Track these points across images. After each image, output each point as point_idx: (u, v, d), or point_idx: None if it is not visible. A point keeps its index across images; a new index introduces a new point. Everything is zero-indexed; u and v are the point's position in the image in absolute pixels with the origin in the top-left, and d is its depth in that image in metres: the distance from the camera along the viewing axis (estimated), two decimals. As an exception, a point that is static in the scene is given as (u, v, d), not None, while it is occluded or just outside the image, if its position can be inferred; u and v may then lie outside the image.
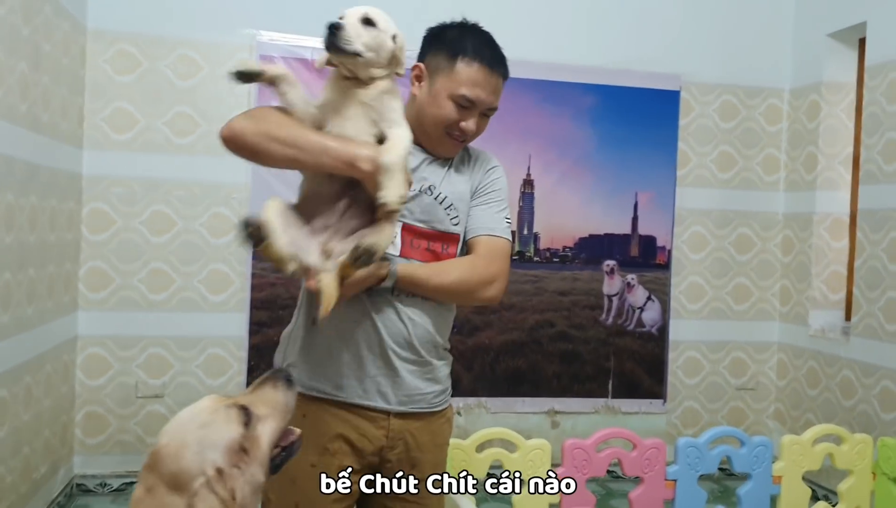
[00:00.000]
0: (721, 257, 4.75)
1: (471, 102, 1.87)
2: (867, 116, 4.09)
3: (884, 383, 3.87)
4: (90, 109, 3.96)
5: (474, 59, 1.87)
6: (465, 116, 1.88)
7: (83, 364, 3.99)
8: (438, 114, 1.88)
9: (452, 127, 1.89)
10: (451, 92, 1.87)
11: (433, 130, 1.90)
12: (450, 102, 1.87)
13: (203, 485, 1.30)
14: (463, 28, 1.97)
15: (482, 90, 1.88)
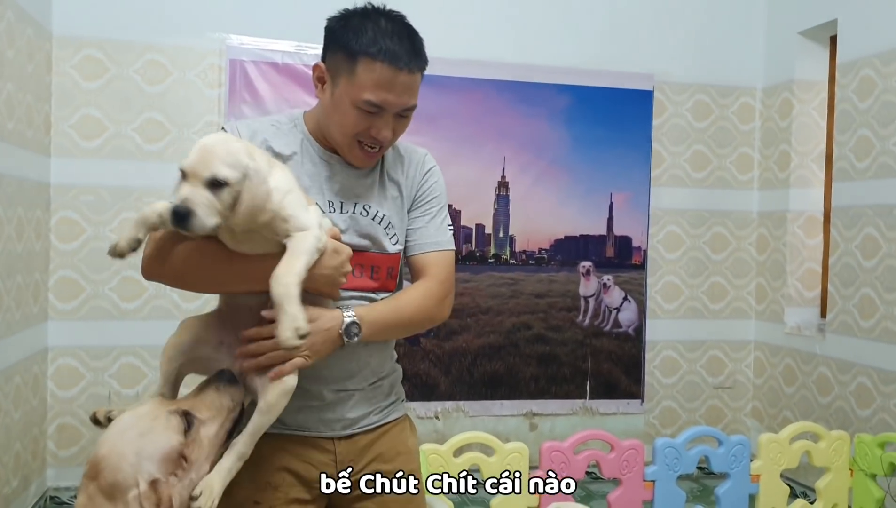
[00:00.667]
0: (696, 257, 4.76)
1: (378, 107, 1.63)
2: (839, 114, 4.12)
3: (859, 379, 3.89)
4: (57, 116, 3.89)
5: (377, 57, 1.61)
6: (376, 123, 1.65)
7: (54, 375, 3.92)
8: (343, 123, 1.64)
9: (362, 136, 1.66)
10: (354, 98, 1.62)
11: (341, 139, 1.68)
12: (354, 109, 1.62)
13: (135, 498, 1.30)
14: (364, 17, 1.66)
15: (390, 93, 1.63)
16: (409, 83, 1.66)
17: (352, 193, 1.73)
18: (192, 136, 4.05)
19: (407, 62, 1.64)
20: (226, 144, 1.46)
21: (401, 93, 1.65)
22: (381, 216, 1.75)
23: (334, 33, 1.67)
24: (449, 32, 4.31)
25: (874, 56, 3.87)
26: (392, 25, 1.66)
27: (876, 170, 3.84)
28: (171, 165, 4.00)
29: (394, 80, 1.63)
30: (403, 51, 1.64)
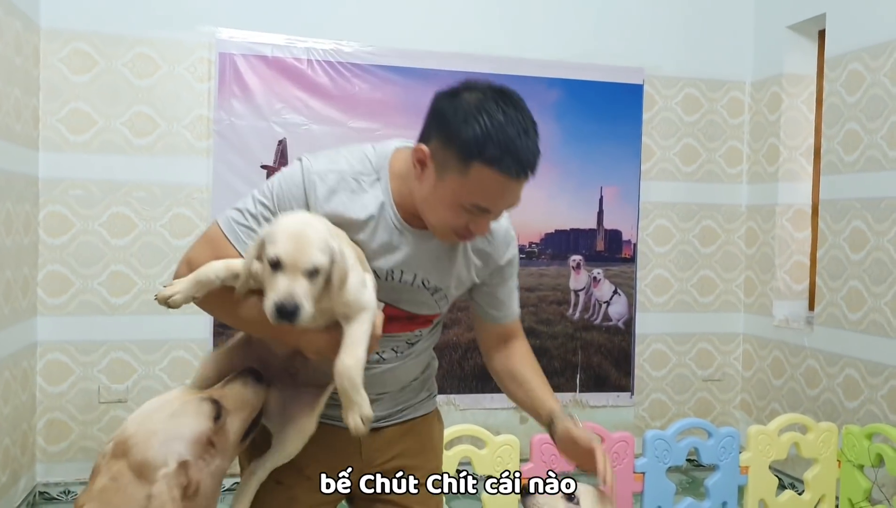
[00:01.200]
0: (686, 250, 4.77)
1: (485, 210, 1.52)
2: (827, 108, 4.14)
3: (847, 371, 3.92)
4: (45, 109, 3.87)
5: (493, 165, 1.46)
6: (478, 220, 1.54)
7: (44, 370, 3.91)
8: (443, 216, 1.54)
9: (459, 229, 1.56)
10: (461, 199, 1.50)
11: (436, 226, 1.57)
12: (458, 207, 1.51)
13: (164, 476, 1.29)
14: (481, 107, 1.48)
15: (502, 200, 1.52)
16: (521, 187, 1.54)
17: (416, 264, 1.64)
18: (181, 130, 4.03)
19: (526, 170, 1.51)
20: (315, 230, 1.43)
21: (513, 196, 1.54)
22: (438, 289, 1.68)
23: (445, 120, 1.50)
24: (438, 25, 4.31)
25: (862, 50, 3.89)
26: (513, 123, 1.49)
27: (864, 163, 3.86)
28: (161, 159, 4.01)
29: (508, 188, 1.50)
30: (523, 159, 1.49)
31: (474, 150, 1.45)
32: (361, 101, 4.22)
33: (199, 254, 1.57)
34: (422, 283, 1.66)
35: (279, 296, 1.37)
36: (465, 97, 1.50)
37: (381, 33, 4.25)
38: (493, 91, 1.52)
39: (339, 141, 4.17)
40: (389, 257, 1.61)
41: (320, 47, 4.15)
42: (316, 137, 4.17)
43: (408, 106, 4.29)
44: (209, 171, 4.05)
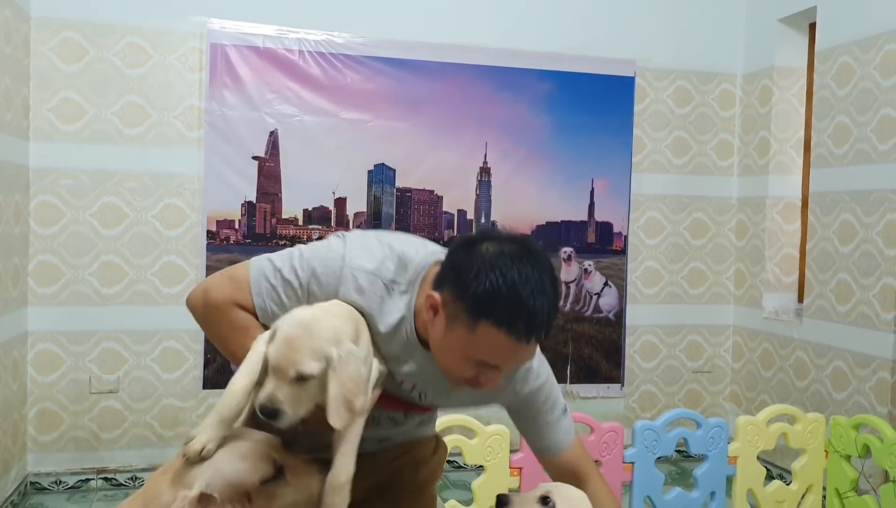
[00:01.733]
0: (676, 242, 4.79)
1: (494, 367, 1.48)
2: (818, 101, 4.16)
3: (835, 363, 3.94)
4: (36, 99, 3.86)
5: (501, 326, 1.40)
6: (487, 373, 1.48)
7: (34, 360, 3.90)
8: (452, 366, 1.50)
9: (469, 379, 1.51)
10: (469, 354, 1.45)
11: (445, 372, 1.54)
12: (467, 361, 1.47)
13: (183, 497, 1.30)
14: (494, 264, 1.42)
15: (511, 359, 1.47)
16: (532, 348, 1.47)
17: (418, 379, 1.61)
18: (172, 120, 4.02)
19: (536, 335, 1.43)
20: (313, 335, 1.40)
21: (523, 357, 1.49)
22: (434, 405, 1.69)
23: (458, 271, 1.45)
24: (431, 17, 4.30)
25: (853, 43, 3.90)
26: (527, 282, 1.41)
27: (853, 156, 3.88)
28: (152, 150, 4.00)
29: (517, 349, 1.43)
30: (535, 322, 1.41)
31: (483, 309, 1.40)
32: (353, 91, 4.22)
33: (219, 288, 1.59)
34: (418, 396, 1.65)
35: (261, 397, 1.38)
36: (481, 249, 1.44)
37: (373, 24, 4.25)
38: (512, 244, 1.45)
39: (330, 133, 4.18)
40: (398, 367, 1.59)
41: (312, 38, 4.14)
42: (308, 127, 4.16)
43: (400, 97, 4.29)
44: (200, 161, 4.04)
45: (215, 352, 4.06)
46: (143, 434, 4.05)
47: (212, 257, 4.08)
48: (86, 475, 3.99)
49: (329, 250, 1.57)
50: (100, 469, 4.01)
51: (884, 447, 2.91)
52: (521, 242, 1.48)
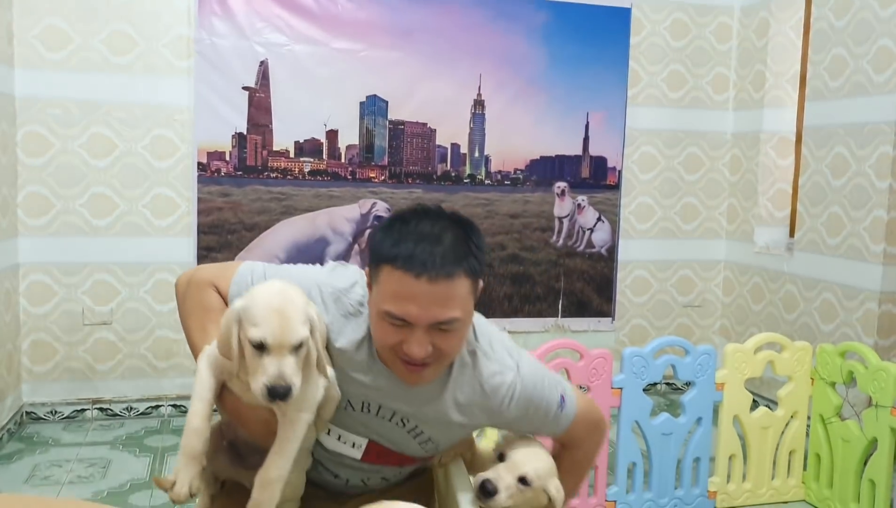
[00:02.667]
0: (670, 177, 4.78)
1: (401, 320, 1.44)
2: (815, 33, 4.10)
3: (824, 295, 3.97)
4: (20, 25, 3.78)
5: (394, 263, 1.41)
6: (406, 338, 1.45)
7: (26, 292, 3.91)
8: (375, 334, 1.50)
9: (398, 351, 1.48)
10: (378, 308, 1.45)
11: (380, 352, 1.53)
12: (380, 320, 1.46)
13: None
14: (404, 219, 1.47)
15: (411, 304, 1.41)
16: (435, 293, 1.41)
17: (391, 399, 1.58)
18: (161, 49, 3.96)
19: (427, 269, 1.40)
20: (294, 302, 1.41)
21: (426, 305, 1.41)
22: (419, 432, 1.62)
23: (374, 236, 1.50)
24: (424, -56, 4.21)
25: (852, -28, 3.84)
26: (426, 226, 1.44)
27: (849, 89, 3.85)
28: (141, 79, 3.95)
29: (413, 289, 1.40)
30: (426, 255, 1.40)
31: (379, 252, 1.44)
32: (345, 21, 4.15)
33: (207, 270, 1.65)
34: (401, 421, 1.60)
35: (270, 379, 1.34)
36: (396, 216, 1.50)
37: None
38: (421, 209, 1.50)
39: (321, 63, 4.12)
40: (365, 390, 1.57)
41: (302, -35, 4.06)
42: (298, 57, 4.10)
43: (392, 26, 4.22)
44: (190, 91, 4.00)
45: (208, 284, 4.07)
46: (137, 366, 4.08)
47: (203, 190, 4.05)
48: (81, 405, 4.03)
49: (314, 269, 1.64)
50: (95, 400, 4.05)
51: (868, 373, 2.95)
52: (433, 207, 1.51)
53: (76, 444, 3.72)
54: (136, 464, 3.50)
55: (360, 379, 1.56)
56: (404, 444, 1.64)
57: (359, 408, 1.59)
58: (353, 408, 1.59)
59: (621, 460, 3.03)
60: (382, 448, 1.64)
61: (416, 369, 1.48)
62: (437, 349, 1.46)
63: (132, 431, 3.91)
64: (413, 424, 1.60)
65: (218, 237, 4.07)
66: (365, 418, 1.60)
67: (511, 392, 1.60)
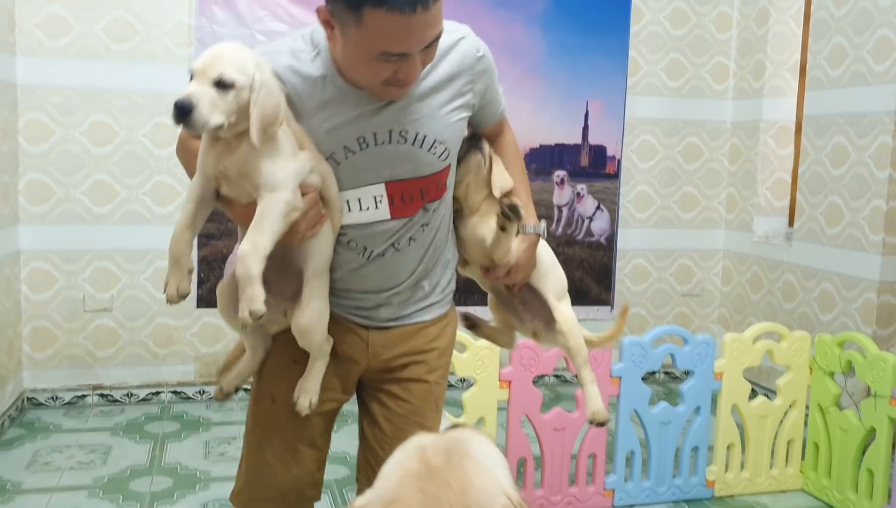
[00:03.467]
0: (669, 166, 4.79)
1: (402, 55, 1.45)
2: (815, 22, 4.10)
3: (823, 285, 3.99)
4: (21, 13, 3.78)
5: (381, 6, 1.37)
6: (402, 66, 1.47)
7: (27, 279, 3.92)
8: (366, 74, 1.49)
9: (390, 80, 1.50)
10: (371, 51, 1.44)
11: (368, 86, 1.53)
12: (374, 60, 1.45)
13: None
14: None
15: (409, 38, 1.42)
16: (426, 19, 1.41)
17: (383, 121, 1.58)
18: (161, 36, 3.96)
19: (414, 4, 1.38)
20: (237, 50, 1.47)
21: (421, 32, 1.42)
22: (422, 137, 1.60)
23: None
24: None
25: (853, -38, 3.83)
26: None
27: (849, 78, 3.85)
28: (141, 67, 3.94)
29: (409, 25, 1.40)
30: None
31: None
32: (345, 9, 4.14)
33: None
34: (401, 137, 1.59)
35: (179, 96, 1.40)
36: None
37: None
38: None
39: (322, 50, 4.11)
40: (353, 125, 1.57)
41: (303, -48, 4.05)
42: (299, 45, 4.09)
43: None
44: (190, 79, 3.99)
45: (209, 271, 4.08)
46: (137, 353, 4.10)
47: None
48: (82, 391, 4.05)
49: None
50: (95, 386, 4.07)
51: (867, 362, 2.97)
52: None
53: (77, 430, 3.74)
54: (137, 450, 3.52)
55: (345, 116, 1.57)
56: (417, 160, 1.62)
57: (358, 148, 1.59)
58: (354, 151, 1.59)
59: (620, 448, 3.05)
60: (403, 185, 1.63)
61: (402, 88, 1.53)
62: (424, 64, 1.52)
63: (132, 417, 3.93)
64: (414, 131, 1.60)
65: (218, 225, 4.07)
66: (368, 157, 1.59)
67: (476, 51, 1.66)
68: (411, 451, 1.04)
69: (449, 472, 0.99)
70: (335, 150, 1.59)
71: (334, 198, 1.61)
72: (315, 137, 1.58)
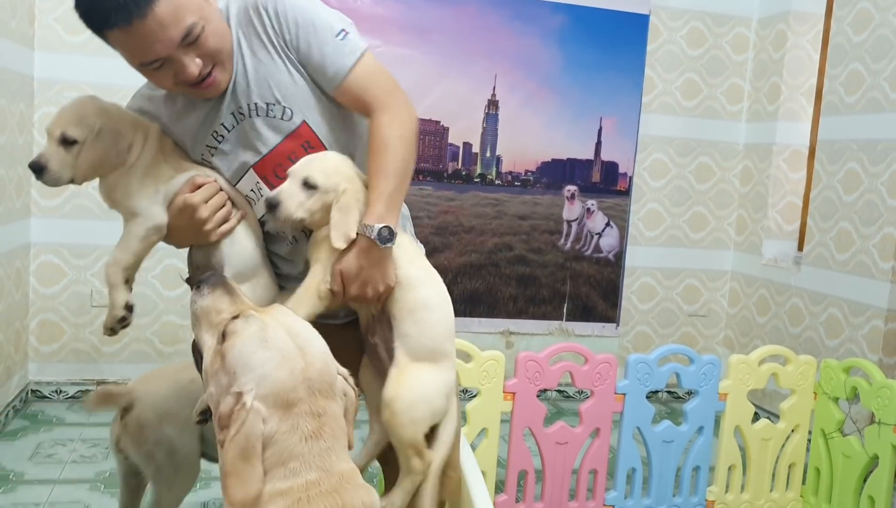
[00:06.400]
0: (681, 186, 4.79)
1: (156, 61, 1.48)
2: (833, 47, 4.10)
3: (830, 310, 3.98)
4: (41, 8, 3.81)
5: (105, 25, 1.43)
6: (175, 69, 1.50)
7: (36, 271, 3.93)
8: (155, 83, 1.60)
9: (180, 83, 1.53)
10: (134, 65, 1.52)
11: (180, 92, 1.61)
12: (146, 71, 1.53)
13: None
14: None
15: (145, 45, 1.44)
16: (155, 24, 1.42)
17: (226, 107, 1.63)
18: (179, 36, 3.98)
19: (126, 12, 1.39)
20: (79, 103, 1.61)
21: (158, 35, 1.43)
22: (261, 107, 1.61)
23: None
24: (445, -57, 4.22)
25: (872, -11, 3.84)
26: None
27: (865, 105, 3.85)
28: (158, 65, 3.95)
29: (139, 34, 1.42)
30: (116, 5, 1.39)
31: (89, 23, 1.46)
32: (363, 16, 4.17)
33: None
34: (240, 115, 1.63)
35: (34, 158, 1.58)
36: None
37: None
38: None
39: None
40: (205, 124, 1.65)
41: (324, -42, 4.07)
42: (316, 50, 4.12)
43: (409, 24, 4.24)
44: (207, 80, 4.01)
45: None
46: (142, 350, 4.11)
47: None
48: (86, 386, 4.05)
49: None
50: (100, 381, 4.08)
51: (872, 389, 2.96)
52: None
53: (80, 424, 3.74)
54: (139, 448, 3.52)
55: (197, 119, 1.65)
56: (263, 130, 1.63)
57: (216, 143, 1.66)
58: (215, 147, 1.66)
59: (621, 465, 3.04)
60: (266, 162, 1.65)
61: (208, 83, 1.55)
62: (203, 57, 1.51)
63: (135, 414, 3.93)
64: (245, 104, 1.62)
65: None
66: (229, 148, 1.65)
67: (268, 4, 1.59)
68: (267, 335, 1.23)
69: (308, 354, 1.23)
70: (203, 152, 1.67)
71: (234, 196, 1.68)
72: (188, 146, 1.68)
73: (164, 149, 1.66)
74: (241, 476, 1.11)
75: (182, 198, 1.63)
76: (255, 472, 1.12)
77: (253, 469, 1.12)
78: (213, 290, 1.34)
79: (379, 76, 1.63)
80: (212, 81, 1.56)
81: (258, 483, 1.12)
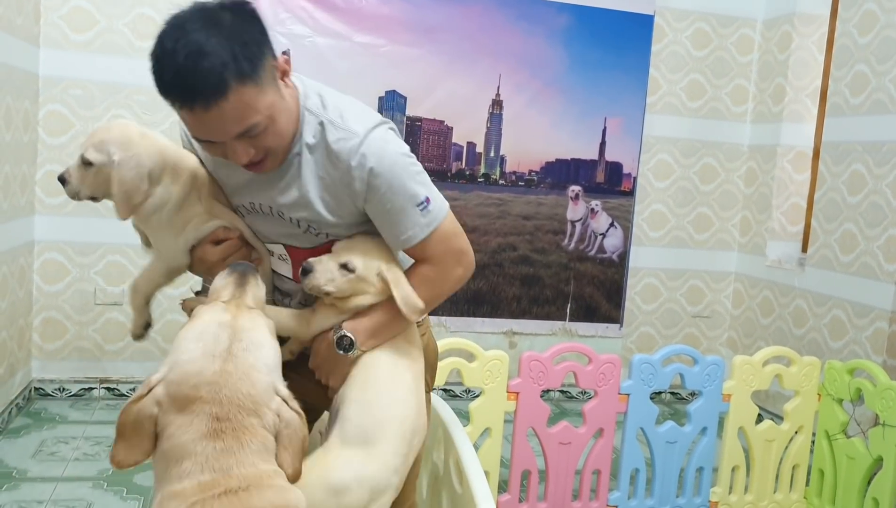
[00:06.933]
0: (685, 186, 4.78)
1: (209, 141, 1.49)
2: (838, 49, 4.10)
3: (834, 312, 3.97)
4: (47, 5, 3.81)
5: (170, 99, 1.42)
6: (225, 150, 1.49)
7: (40, 269, 3.94)
8: (206, 151, 1.58)
9: (229, 158, 1.52)
10: (191, 134, 1.52)
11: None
12: (199, 142, 1.52)
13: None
14: (157, 41, 1.43)
15: (204, 129, 1.45)
16: (219, 115, 1.39)
17: (255, 191, 1.64)
18: (184, 34, 3.97)
19: (196, 100, 1.37)
20: (104, 131, 1.62)
21: (217, 126, 1.42)
22: (296, 220, 1.63)
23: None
24: (451, -57, 4.22)
25: (878, -10, 3.83)
26: (180, 44, 1.38)
27: (870, 106, 3.85)
28: (163, 63, 3.95)
29: (201, 119, 1.41)
30: (187, 85, 1.37)
31: (158, 86, 1.43)
32: (368, 15, 4.17)
33: None
34: (279, 214, 1.64)
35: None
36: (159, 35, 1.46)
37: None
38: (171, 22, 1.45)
39: (342, 56, 4.14)
40: (241, 190, 1.67)
41: (329, -43, 4.07)
42: (320, 50, 4.12)
43: (414, 23, 4.24)
44: (211, 78, 4.01)
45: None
46: (146, 348, 4.10)
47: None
48: (89, 384, 4.06)
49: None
50: (103, 379, 4.08)
51: (876, 391, 2.95)
52: (201, 6, 1.46)
53: (83, 422, 3.75)
54: (142, 446, 3.52)
55: (237, 180, 1.66)
56: (305, 240, 1.67)
57: (246, 212, 1.70)
58: (245, 212, 1.70)
59: (625, 466, 3.03)
60: (299, 253, 1.69)
61: (255, 168, 1.55)
62: (258, 148, 1.49)
63: (138, 413, 3.93)
64: (288, 215, 1.63)
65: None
66: (261, 219, 1.69)
67: (357, 156, 1.53)
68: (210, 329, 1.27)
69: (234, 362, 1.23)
70: (238, 207, 1.71)
71: (253, 241, 1.73)
72: (226, 192, 1.71)
73: (200, 188, 1.67)
74: (129, 443, 1.25)
75: (202, 251, 1.68)
76: (141, 444, 1.24)
77: (140, 441, 1.24)
78: (231, 275, 1.43)
79: (451, 242, 1.65)
80: (259, 168, 1.55)
81: (140, 456, 1.25)
